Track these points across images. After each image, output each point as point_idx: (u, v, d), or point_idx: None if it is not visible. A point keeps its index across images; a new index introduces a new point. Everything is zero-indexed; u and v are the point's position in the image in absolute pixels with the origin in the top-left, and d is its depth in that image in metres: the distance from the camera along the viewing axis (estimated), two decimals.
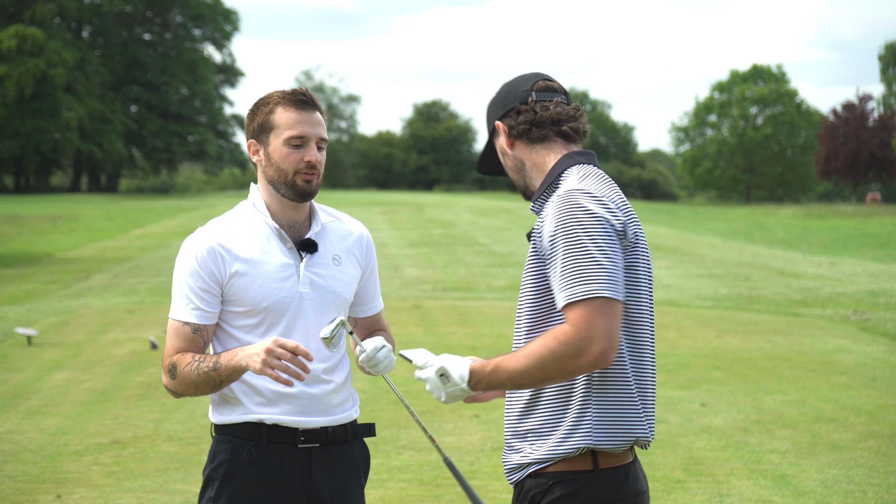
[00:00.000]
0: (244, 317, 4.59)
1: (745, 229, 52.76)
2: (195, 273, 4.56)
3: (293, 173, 4.60)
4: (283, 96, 4.64)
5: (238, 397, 4.59)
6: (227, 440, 4.60)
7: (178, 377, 4.53)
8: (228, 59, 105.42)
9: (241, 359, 4.40)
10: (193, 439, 11.28)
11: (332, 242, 4.75)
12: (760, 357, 16.48)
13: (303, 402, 4.61)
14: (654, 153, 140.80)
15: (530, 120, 4.28)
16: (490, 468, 10.18)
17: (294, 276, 4.61)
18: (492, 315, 21.59)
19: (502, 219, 57.33)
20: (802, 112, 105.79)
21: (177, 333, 4.57)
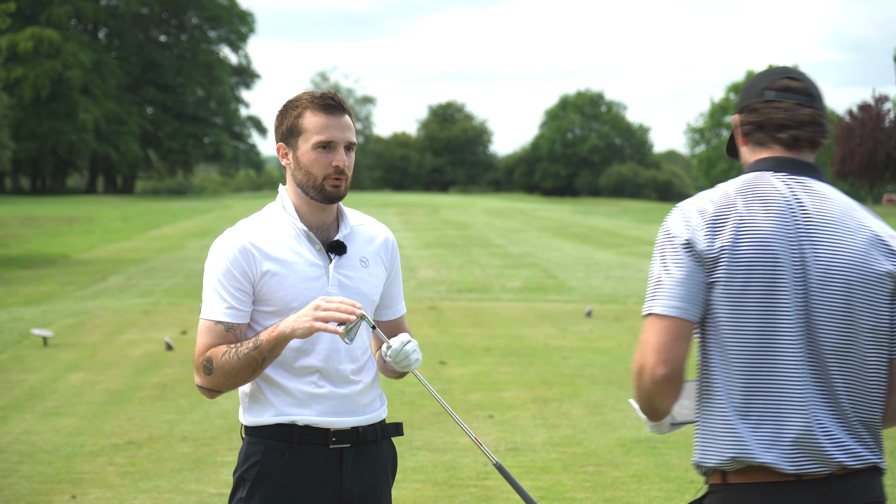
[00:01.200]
0: (274, 317, 4.60)
1: None
2: (228, 272, 4.58)
3: (322, 178, 4.63)
4: (312, 100, 4.65)
5: (269, 398, 4.60)
6: (259, 441, 4.60)
7: (215, 370, 4.52)
8: (244, 61, 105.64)
9: (284, 327, 4.44)
10: (208, 440, 11.30)
11: (359, 245, 4.77)
12: None
13: (333, 403, 4.62)
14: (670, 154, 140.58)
15: (757, 122, 4.06)
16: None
17: (324, 276, 4.63)
18: (507, 316, 21.60)
19: (517, 220, 57.34)
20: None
21: (209, 332, 4.57)
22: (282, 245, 4.63)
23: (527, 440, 11.29)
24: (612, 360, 16.20)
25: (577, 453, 10.78)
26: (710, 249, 3.85)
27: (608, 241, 44.04)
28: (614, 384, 14.31)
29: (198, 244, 40.04)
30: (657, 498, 9.34)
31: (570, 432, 11.65)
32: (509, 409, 12.81)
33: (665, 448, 10.97)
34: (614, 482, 9.80)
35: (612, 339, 18.44)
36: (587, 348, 17.46)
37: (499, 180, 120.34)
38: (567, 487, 9.64)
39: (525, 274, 30.85)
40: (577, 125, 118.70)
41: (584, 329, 19.74)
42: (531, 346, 17.63)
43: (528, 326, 20.08)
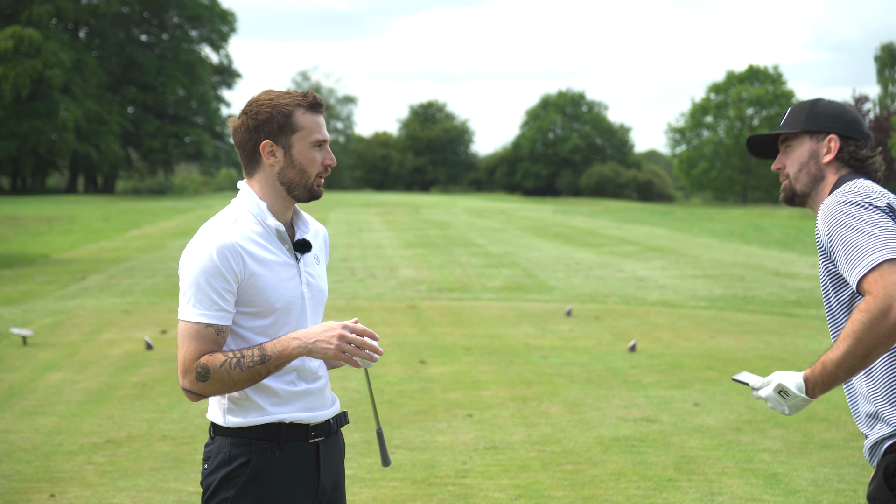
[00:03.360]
0: (256, 318, 4.61)
1: (740, 230, 52.77)
2: (216, 272, 4.52)
3: (315, 176, 4.70)
4: (303, 99, 4.70)
5: (254, 399, 4.61)
6: (245, 442, 4.61)
7: (212, 378, 4.49)
8: (225, 61, 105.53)
9: (298, 348, 4.49)
10: (187, 439, 11.31)
11: (313, 241, 4.86)
12: (754, 357, 16.52)
13: (310, 399, 4.71)
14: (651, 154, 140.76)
15: (860, 159, 4.71)
16: (483, 467, 10.20)
17: (297, 276, 4.68)
18: (487, 315, 21.62)
19: (498, 220, 57.38)
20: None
21: (198, 336, 4.52)
22: (260, 245, 4.64)
23: (506, 439, 11.31)
24: (591, 360, 16.24)
25: (555, 452, 10.81)
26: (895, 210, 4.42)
27: (588, 240, 44.09)
28: (593, 383, 14.35)
29: (178, 244, 39.97)
30: (635, 496, 9.38)
31: (548, 431, 11.68)
32: (488, 407, 12.83)
33: (643, 447, 11.02)
34: (592, 480, 9.83)
35: (591, 339, 18.47)
36: (567, 347, 17.48)
37: (480, 180, 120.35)
38: (545, 486, 9.67)
39: (505, 273, 30.87)
40: (559, 125, 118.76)
41: (564, 328, 19.77)
42: (511, 346, 17.66)
43: (507, 326, 20.10)
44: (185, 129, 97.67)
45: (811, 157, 4.73)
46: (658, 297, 25.39)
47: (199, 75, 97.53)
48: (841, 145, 4.69)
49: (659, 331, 19.56)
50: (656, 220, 62.24)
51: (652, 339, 18.52)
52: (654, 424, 12.00)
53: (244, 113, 4.72)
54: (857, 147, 4.69)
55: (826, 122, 4.72)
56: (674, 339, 18.61)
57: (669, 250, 39.43)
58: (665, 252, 38.60)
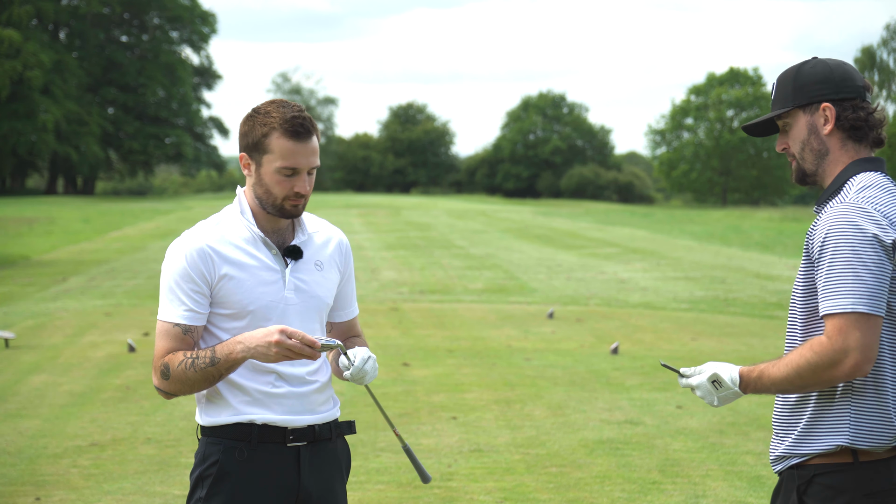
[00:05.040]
0: (231, 319, 4.68)
1: (720, 232, 52.87)
2: (185, 275, 4.63)
3: (282, 199, 4.69)
4: (283, 122, 4.65)
5: (226, 398, 4.67)
6: (218, 441, 4.67)
7: (171, 377, 4.59)
8: (206, 62, 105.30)
9: (243, 352, 4.51)
10: (172, 442, 11.31)
11: (314, 248, 4.85)
12: (736, 359, 16.56)
13: (291, 402, 4.71)
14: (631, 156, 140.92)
15: (864, 119, 4.43)
16: (468, 470, 10.23)
17: (280, 281, 4.71)
18: (469, 317, 21.64)
19: (479, 221, 57.39)
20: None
21: (167, 335, 4.64)
22: (239, 249, 4.69)
23: (490, 441, 11.34)
24: (574, 362, 16.27)
25: (539, 454, 10.84)
26: None
27: (569, 242, 44.13)
28: (576, 385, 14.38)
29: (159, 245, 39.90)
30: (620, 499, 9.41)
31: (532, 433, 11.71)
32: (472, 410, 12.85)
33: (627, 449, 11.05)
34: (577, 483, 9.86)
35: (573, 341, 18.51)
36: (549, 350, 17.52)
37: (460, 182, 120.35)
38: (530, 488, 9.70)
39: (487, 275, 30.89)
40: (539, 127, 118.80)
41: (547, 330, 19.80)
42: (494, 348, 17.69)
43: (490, 328, 20.13)
44: (166, 130, 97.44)
45: (810, 132, 4.46)
46: (639, 299, 25.45)
47: (180, 76, 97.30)
48: (837, 112, 4.41)
49: (641, 333, 19.61)
50: (637, 221, 62.31)
51: (634, 341, 18.57)
52: (638, 427, 12.04)
53: (246, 115, 4.77)
54: (853, 108, 4.40)
55: (815, 91, 4.43)
56: (656, 341, 18.66)
57: (650, 252, 39.50)
58: (646, 254, 38.66)
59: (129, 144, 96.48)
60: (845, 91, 4.41)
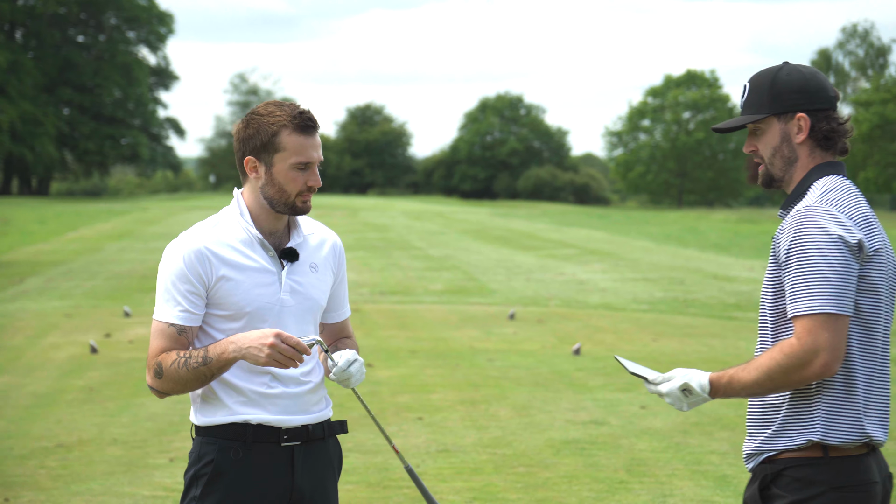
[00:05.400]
0: (227, 321, 4.73)
1: (677, 233, 53.12)
2: (182, 275, 4.68)
3: (295, 195, 4.76)
4: (292, 119, 4.73)
5: (221, 399, 4.73)
6: (213, 441, 4.73)
7: (164, 375, 4.65)
8: (163, 62, 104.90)
9: (235, 352, 4.57)
10: (138, 443, 11.30)
11: (309, 251, 4.90)
12: (697, 360, 16.68)
13: (285, 402, 4.76)
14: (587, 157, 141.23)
15: (831, 131, 4.52)
16: (435, 470, 10.27)
17: (276, 283, 4.76)
18: (430, 318, 21.68)
19: (437, 223, 57.44)
20: (734, 117, 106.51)
21: (162, 334, 4.69)
22: (236, 251, 4.74)
23: (457, 441, 11.39)
24: (536, 363, 16.34)
25: (507, 454, 10.89)
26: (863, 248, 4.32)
27: (528, 243, 44.22)
28: (540, 386, 14.45)
29: (116, 246, 39.79)
30: (588, 498, 9.47)
31: (499, 434, 11.76)
32: (438, 410, 12.90)
33: (593, 449, 11.12)
34: (545, 483, 9.92)
35: (535, 342, 18.58)
36: (512, 350, 17.58)
37: (417, 183, 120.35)
38: (499, 488, 9.75)
39: (446, 276, 30.94)
40: (496, 128, 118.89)
41: (508, 331, 19.87)
42: (456, 349, 17.74)
43: (452, 329, 20.17)
44: (122, 130, 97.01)
45: (783, 140, 4.52)
46: (599, 300, 25.55)
47: (137, 77, 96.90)
48: (812, 123, 4.49)
49: (602, 334, 19.70)
50: (594, 223, 62.52)
51: (595, 342, 18.65)
52: (603, 427, 12.11)
53: (241, 121, 4.83)
54: (827, 119, 4.48)
55: (791, 100, 4.49)
56: (617, 342, 18.75)
57: (608, 253, 39.64)
58: (604, 255, 38.80)
59: (85, 145, 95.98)
60: (819, 102, 4.49)
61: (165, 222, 54.20)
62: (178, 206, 74.42)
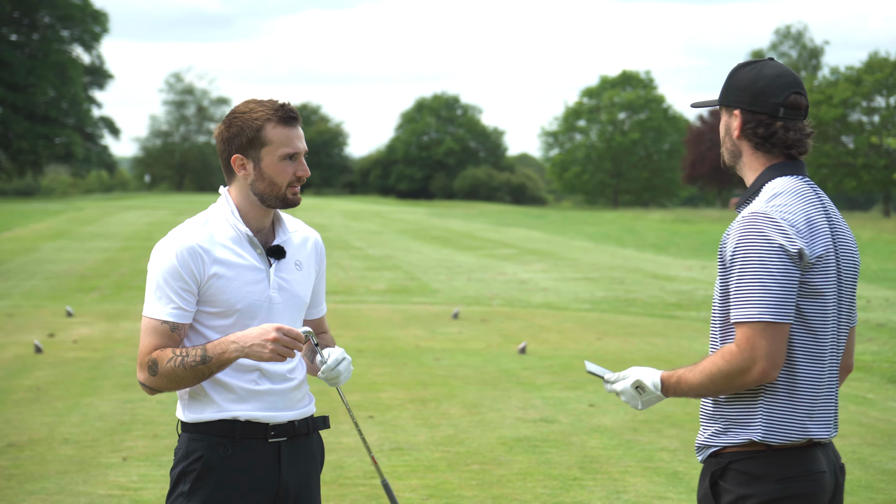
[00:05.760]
0: (218, 318, 4.76)
1: (615, 233, 53.40)
2: (175, 273, 4.70)
3: (285, 187, 4.81)
4: (275, 112, 4.80)
5: (211, 395, 4.76)
6: (202, 437, 4.76)
7: (159, 373, 4.67)
8: (97, 61, 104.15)
9: (237, 351, 4.61)
10: (90, 442, 11.25)
11: (294, 248, 4.95)
12: (642, 358, 16.80)
13: (272, 399, 4.81)
14: (522, 157, 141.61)
15: (767, 137, 4.55)
16: (390, 468, 10.30)
17: (265, 280, 4.81)
18: (375, 318, 21.70)
19: (375, 222, 57.46)
20: (669, 118, 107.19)
21: (154, 331, 4.72)
22: (227, 248, 4.78)
23: (409, 440, 11.42)
24: (483, 361, 16.40)
25: (460, 452, 10.94)
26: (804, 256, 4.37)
27: (467, 243, 44.32)
28: (488, 385, 14.51)
29: (52, 246, 39.55)
30: (543, 495, 9.54)
31: (451, 432, 11.81)
32: (388, 409, 12.92)
33: (545, 447, 11.19)
34: (500, 480, 9.98)
35: (480, 341, 18.65)
36: (458, 349, 17.64)
37: (354, 183, 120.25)
38: (454, 485, 9.80)
39: (388, 276, 30.97)
40: (433, 128, 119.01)
41: (453, 330, 19.92)
42: (402, 348, 17.77)
43: (396, 328, 20.21)
44: (56, 130, 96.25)
45: (726, 132, 4.62)
46: (541, 299, 25.66)
47: (71, 76, 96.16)
48: (742, 121, 4.54)
49: (546, 333, 19.80)
50: (531, 223, 62.73)
51: (540, 340, 18.74)
52: (553, 425, 12.18)
53: (222, 123, 4.87)
54: (758, 123, 4.50)
55: (734, 95, 4.56)
56: (562, 340, 18.85)
57: (547, 253, 39.80)
58: (543, 255, 38.95)
59: (18, 144, 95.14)
60: (757, 105, 4.52)
61: (101, 222, 53.89)
62: (114, 205, 73.99)
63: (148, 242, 41.82)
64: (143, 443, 11.21)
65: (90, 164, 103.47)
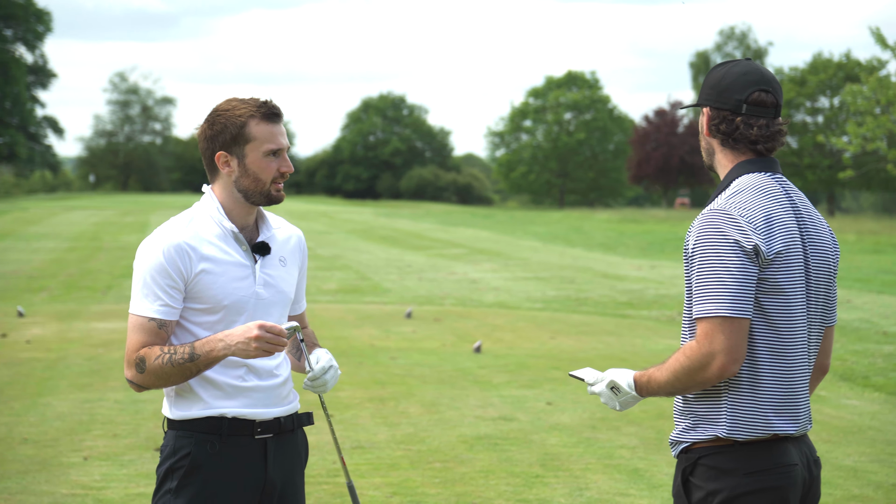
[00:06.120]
0: (204, 314, 4.78)
1: (563, 233, 53.58)
2: (162, 270, 4.72)
3: (269, 183, 4.84)
4: (258, 109, 4.84)
5: (198, 392, 4.78)
6: (189, 434, 4.78)
7: (147, 370, 4.69)
8: (40, 60, 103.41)
9: (224, 349, 4.63)
10: (49, 442, 11.20)
11: (278, 245, 4.99)
12: (596, 357, 16.89)
13: (259, 395, 4.84)
14: (468, 157, 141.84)
15: (730, 133, 4.62)
16: (353, 466, 10.31)
17: (251, 276, 4.84)
18: (328, 318, 21.67)
19: (322, 223, 57.39)
20: (614, 118, 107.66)
21: (142, 328, 4.73)
22: (213, 245, 4.80)
23: (370, 438, 11.44)
24: (439, 360, 16.44)
25: (421, 450, 10.97)
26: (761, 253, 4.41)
27: (416, 243, 44.36)
28: (446, 383, 14.55)
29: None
30: (506, 492, 9.58)
31: (411, 430, 11.84)
32: (347, 408, 12.94)
33: (506, 444, 11.24)
34: (462, 478, 10.02)
35: (435, 340, 18.68)
36: (413, 348, 17.67)
37: (300, 183, 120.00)
38: (417, 483, 9.83)
39: (339, 276, 30.96)
40: (379, 128, 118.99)
41: (407, 330, 19.95)
42: (357, 347, 17.78)
43: (351, 327, 20.21)
44: None
45: (700, 130, 4.73)
46: (494, 298, 25.72)
47: (14, 75, 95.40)
48: (709, 118, 4.64)
49: (500, 332, 19.85)
50: (479, 222, 62.85)
51: (494, 339, 18.79)
52: (513, 423, 12.23)
53: (204, 121, 4.89)
54: (721, 119, 4.59)
55: (704, 94, 4.67)
56: (516, 339, 18.91)
57: (496, 253, 39.90)
58: (492, 255, 39.03)
59: None
60: (721, 102, 4.61)
61: (47, 222, 53.56)
62: (59, 205, 73.57)
63: (94, 242, 41.65)
64: (102, 442, 11.17)
65: (34, 164, 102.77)
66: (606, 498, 9.48)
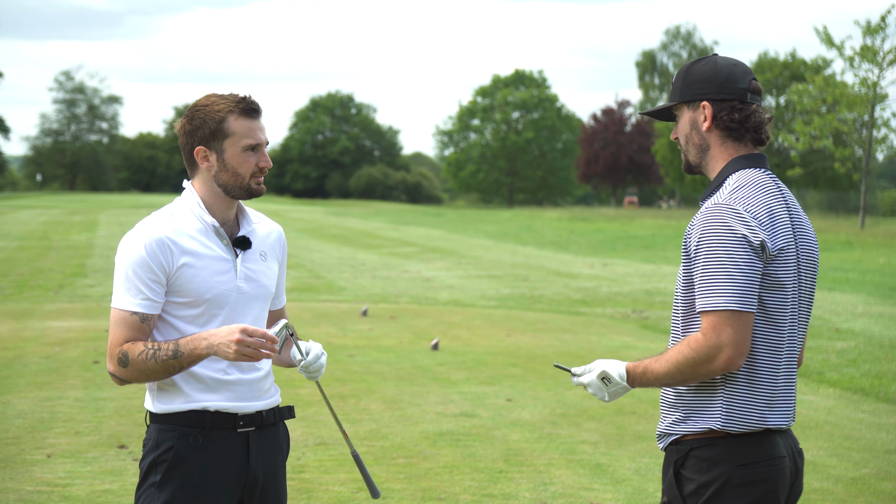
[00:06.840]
0: (186, 307, 4.82)
1: (514, 231, 53.72)
2: (144, 264, 4.76)
3: (248, 177, 4.90)
4: (237, 104, 4.89)
5: (180, 386, 4.83)
6: (171, 428, 4.83)
7: (130, 365, 4.73)
8: None
9: (207, 349, 4.67)
10: (11, 439, 11.16)
11: (258, 240, 5.05)
12: (553, 354, 16.96)
13: (241, 389, 4.89)
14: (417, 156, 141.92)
15: (741, 121, 4.66)
16: (317, 462, 10.35)
17: (232, 270, 4.89)
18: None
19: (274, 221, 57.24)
20: (562, 117, 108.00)
21: (124, 323, 4.77)
22: (194, 239, 4.85)
23: (333, 435, 11.46)
24: (397, 358, 16.47)
25: (384, 446, 11.01)
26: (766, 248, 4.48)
27: (367, 242, 44.38)
28: (405, 380, 14.59)
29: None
30: (472, 487, 9.64)
31: (373, 427, 11.87)
32: (308, 405, 12.94)
33: (468, 440, 11.29)
34: (427, 473, 10.07)
35: (392, 338, 18.71)
36: (370, 346, 17.69)
37: None
38: (383, 479, 9.86)
39: (292, 274, 30.91)
40: (328, 127, 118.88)
41: (364, 328, 19.97)
42: None
43: (307, 325, 20.20)
44: None
45: (692, 128, 4.71)
46: (448, 296, 25.78)
47: None
48: (714, 111, 4.65)
49: (456, 329, 19.90)
50: (429, 221, 62.93)
51: (451, 337, 18.84)
52: (474, 419, 12.29)
53: (183, 117, 4.94)
54: (731, 109, 4.63)
55: (697, 88, 4.68)
56: (472, 337, 18.97)
57: (449, 251, 39.98)
58: (445, 253, 39.11)
59: None
60: (725, 92, 4.65)
61: None
62: (5, 205, 73.11)
63: (44, 241, 41.43)
64: (65, 440, 11.14)
65: None
66: (571, 492, 9.56)
